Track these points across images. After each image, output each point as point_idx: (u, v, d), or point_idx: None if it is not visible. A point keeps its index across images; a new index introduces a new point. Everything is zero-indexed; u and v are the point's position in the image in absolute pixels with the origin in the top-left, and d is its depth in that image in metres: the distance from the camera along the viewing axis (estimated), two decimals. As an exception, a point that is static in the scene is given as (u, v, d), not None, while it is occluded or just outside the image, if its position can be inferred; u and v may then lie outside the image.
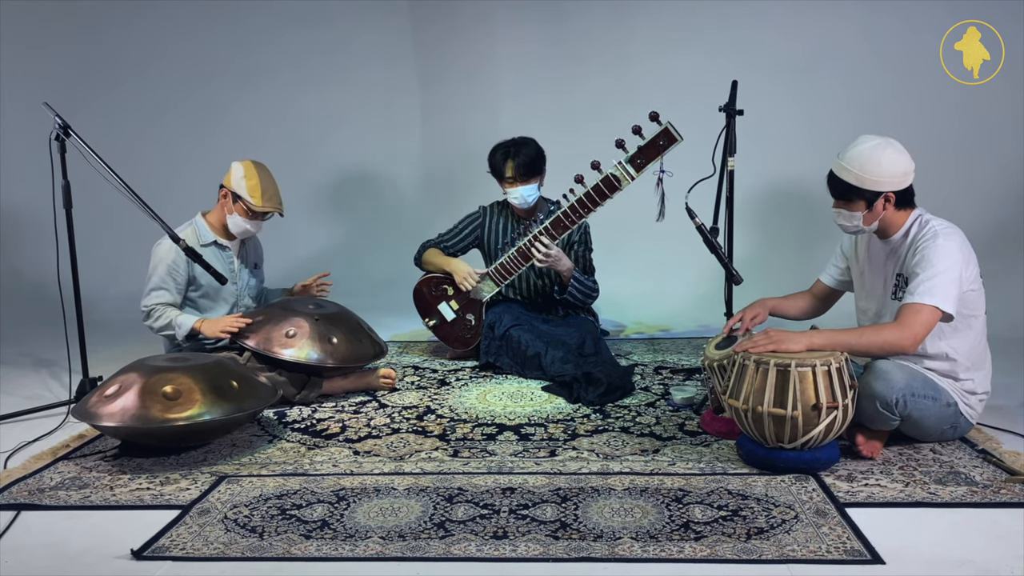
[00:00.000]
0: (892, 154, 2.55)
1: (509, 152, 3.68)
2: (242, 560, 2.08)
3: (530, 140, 3.74)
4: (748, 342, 2.55)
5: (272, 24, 5.26)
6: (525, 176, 3.68)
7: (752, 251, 4.75)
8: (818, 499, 2.31)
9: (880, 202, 2.57)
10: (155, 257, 3.29)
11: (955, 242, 2.53)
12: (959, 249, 2.52)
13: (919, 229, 2.59)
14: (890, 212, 2.59)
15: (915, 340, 2.46)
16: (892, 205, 2.58)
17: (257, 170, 3.32)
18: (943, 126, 4.69)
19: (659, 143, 3.30)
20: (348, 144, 5.33)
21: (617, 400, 3.24)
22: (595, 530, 2.17)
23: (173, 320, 3.23)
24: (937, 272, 2.46)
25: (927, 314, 2.45)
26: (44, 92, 3.78)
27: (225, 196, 3.36)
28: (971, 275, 2.55)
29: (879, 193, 2.55)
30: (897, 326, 2.47)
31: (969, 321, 2.59)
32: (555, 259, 3.56)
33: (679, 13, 4.92)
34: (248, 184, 3.29)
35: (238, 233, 3.40)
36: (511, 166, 3.66)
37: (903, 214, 2.62)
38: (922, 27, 4.64)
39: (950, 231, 2.56)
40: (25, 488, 2.51)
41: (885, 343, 2.48)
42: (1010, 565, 1.99)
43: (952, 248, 2.51)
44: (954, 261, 2.49)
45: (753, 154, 3.98)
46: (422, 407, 3.23)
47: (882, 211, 2.58)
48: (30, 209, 4.95)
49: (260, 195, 3.30)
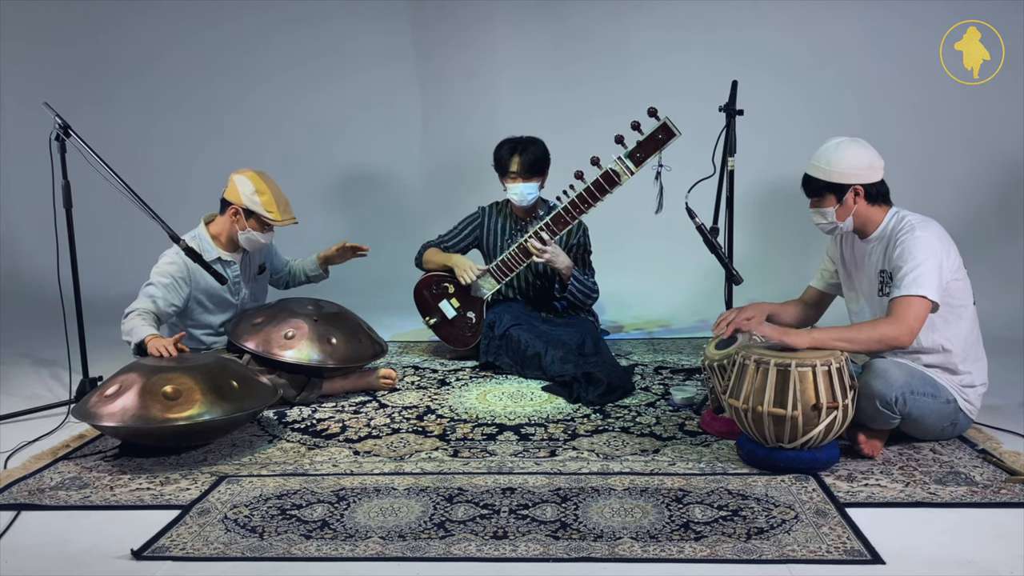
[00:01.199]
0: (856, 148, 2.64)
1: (516, 147, 3.71)
2: (242, 560, 2.08)
3: (538, 140, 3.77)
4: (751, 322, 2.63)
5: (272, 24, 5.26)
6: (528, 174, 3.69)
7: (752, 251, 4.75)
8: (818, 499, 2.31)
9: (850, 195, 2.64)
10: (160, 263, 3.24)
11: (933, 232, 2.58)
12: (937, 239, 2.57)
13: (897, 223, 2.64)
14: (863, 208, 2.65)
15: (911, 332, 2.50)
16: (862, 199, 2.64)
17: (265, 183, 3.24)
18: (943, 126, 4.69)
19: (658, 137, 3.32)
20: (348, 144, 5.33)
21: (617, 400, 3.24)
22: (595, 530, 2.17)
23: (135, 327, 3.04)
24: (919, 263, 2.51)
25: (917, 305, 2.49)
26: (44, 92, 3.78)
27: (236, 214, 3.26)
28: (953, 264, 2.59)
29: (847, 186, 2.63)
30: (891, 320, 2.51)
31: (959, 311, 2.62)
32: (552, 255, 3.56)
33: (679, 13, 4.92)
34: (263, 200, 3.21)
35: (252, 248, 3.37)
36: (517, 161, 3.68)
37: (879, 211, 2.67)
38: (922, 27, 4.64)
39: (926, 223, 2.61)
40: (25, 488, 2.51)
41: (882, 337, 2.51)
42: (1010, 565, 1.99)
43: (930, 238, 2.55)
44: (933, 251, 2.53)
45: (753, 154, 3.98)
46: (422, 407, 3.23)
47: (853, 205, 2.65)
48: (30, 209, 4.95)
49: (276, 209, 3.22)
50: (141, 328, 3.03)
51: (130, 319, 3.09)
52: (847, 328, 2.58)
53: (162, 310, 3.17)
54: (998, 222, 4.61)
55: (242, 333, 3.21)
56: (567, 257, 3.65)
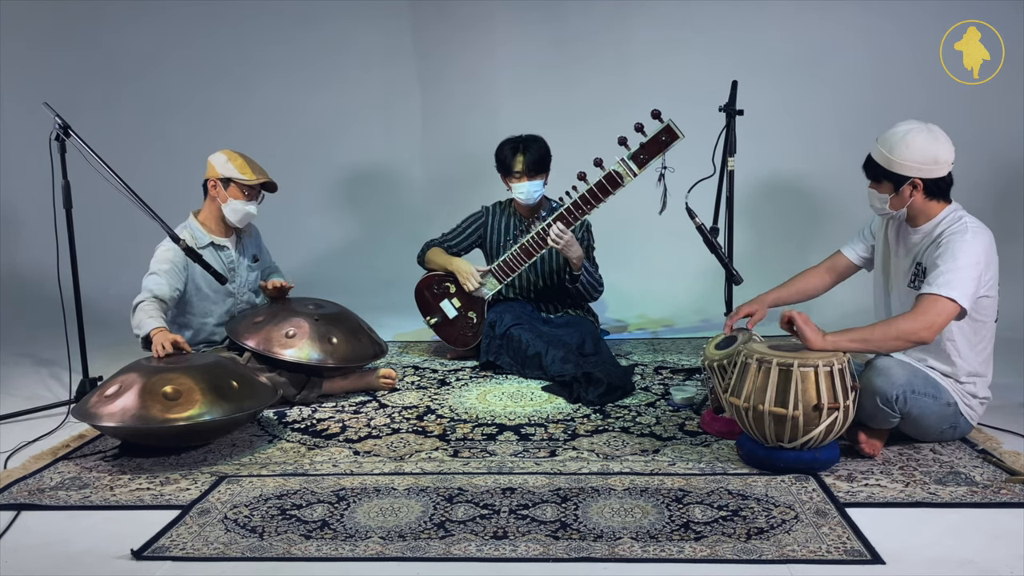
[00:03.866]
0: (925, 140, 2.52)
1: (519, 147, 3.71)
2: (242, 560, 2.08)
3: (539, 137, 3.77)
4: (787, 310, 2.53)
5: (272, 24, 5.26)
6: (533, 172, 3.70)
7: (752, 251, 4.75)
8: (818, 499, 2.31)
9: (907, 187, 2.53)
10: (156, 253, 3.26)
11: (982, 242, 2.50)
12: (984, 250, 2.49)
13: (951, 223, 2.55)
14: (919, 200, 2.56)
15: (932, 329, 2.42)
16: (920, 193, 2.54)
17: (238, 153, 3.35)
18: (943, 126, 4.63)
19: (661, 139, 3.32)
20: (348, 144, 5.32)
21: (617, 400, 3.24)
22: (595, 530, 2.17)
23: (142, 320, 3.06)
24: (959, 266, 2.43)
25: (944, 305, 2.41)
26: (44, 92, 3.78)
27: (215, 187, 3.34)
28: (989, 279, 2.53)
29: (906, 178, 2.52)
30: (912, 315, 2.44)
31: (978, 327, 2.58)
32: (568, 243, 3.57)
33: (679, 13, 4.92)
34: (236, 164, 3.31)
35: (238, 220, 3.37)
36: (521, 161, 3.69)
37: (937, 205, 2.58)
38: (922, 27, 4.64)
39: (980, 230, 2.52)
40: (25, 488, 2.51)
41: (900, 333, 2.44)
42: (1010, 565, 1.99)
43: (978, 247, 2.48)
44: (977, 259, 2.46)
45: (753, 154, 3.97)
46: (422, 407, 3.23)
47: (909, 197, 2.55)
48: (30, 209, 4.95)
49: (251, 170, 3.32)
50: (147, 321, 3.06)
51: (137, 312, 3.11)
52: (860, 329, 2.51)
53: (167, 295, 3.20)
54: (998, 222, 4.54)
55: (243, 332, 3.22)
56: (580, 248, 3.65)
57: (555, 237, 3.55)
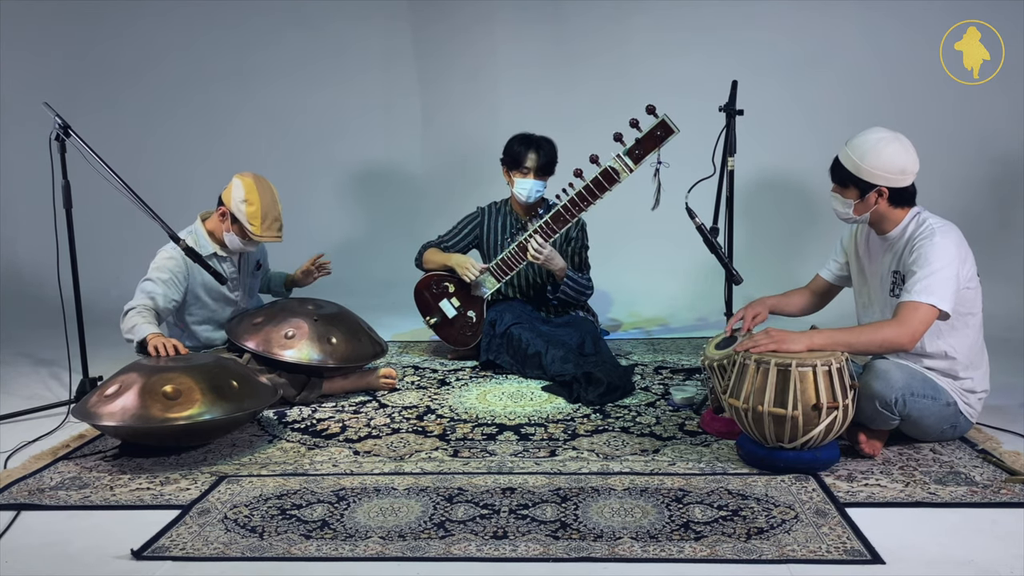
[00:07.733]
0: (894, 150, 2.56)
1: (532, 144, 3.73)
2: (242, 560, 2.08)
3: (552, 141, 3.80)
4: (749, 341, 2.55)
5: (272, 25, 5.27)
6: (540, 172, 3.72)
7: (752, 250, 4.75)
8: (818, 499, 2.31)
9: (872, 195, 2.58)
10: (158, 258, 3.24)
11: (952, 240, 2.53)
12: (956, 247, 2.53)
13: (916, 227, 2.59)
14: (883, 207, 2.61)
15: (913, 337, 2.47)
16: (885, 200, 2.59)
17: (259, 192, 3.17)
18: (943, 126, 4.69)
19: (656, 134, 3.33)
20: (348, 144, 5.33)
21: (617, 400, 3.24)
22: (595, 530, 2.17)
23: (136, 325, 3.03)
24: (934, 270, 2.47)
25: (924, 312, 2.45)
26: (44, 92, 3.78)
27: (223, 215, 3.25)
28: (968, 273, 2.56)
29: (873, 185, 2.57)
30: (895, 324, 2.48)
31: (966, 319, 2.60)
32: (548, 258, 3.57)
33: (679, 13, 4.93)
34: (248, 210, 3.16)
35: (233, 250, 3.35)
36: (532, 158, 3.70)
37: (900, 212, 2.63)
38: (922, 27, 4.65)
39: (947, 228, 2.56)
40: (25, 488, 2.51)
41: (884, 340, 2.48)
42: (1010, 565, 1.99)
43: (949, 246, 2.51)
44: (951, 259, 2.49)
45: (753, 154, 3.97)
46: (422, 407, 3.23)
47: (873, 204, 2.60)
48: (30, 209, 4.95)
49: (260, 223, 3.17)
50: (143, 326, 3.03)
51: (130, 317, 3.08)
52: (847, 331, 2.54)
53: (162, 307, 3.16)
54: (998, 222, 4.61)
55: (242, 333, 3.21)
56: (562, 260, 3.66)
57: (534, 253, 3.55)
